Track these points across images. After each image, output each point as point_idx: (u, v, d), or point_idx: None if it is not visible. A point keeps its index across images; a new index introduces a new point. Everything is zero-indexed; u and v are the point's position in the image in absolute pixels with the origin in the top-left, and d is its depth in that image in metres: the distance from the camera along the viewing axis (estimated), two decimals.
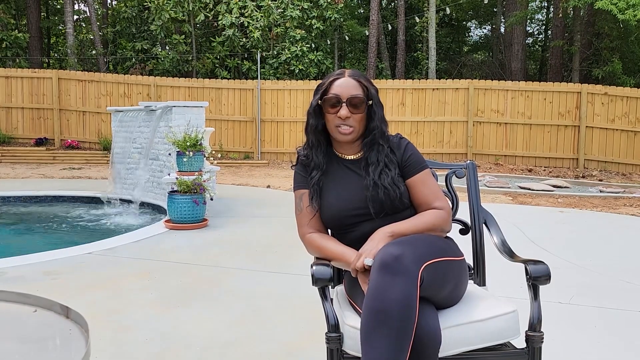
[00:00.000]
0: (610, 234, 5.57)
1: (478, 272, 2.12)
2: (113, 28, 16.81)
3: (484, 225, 2.14)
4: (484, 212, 2.16)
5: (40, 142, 12.68)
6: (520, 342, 1.74)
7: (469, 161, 2.25)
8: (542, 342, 1.70)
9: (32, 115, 12.96)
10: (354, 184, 1.86)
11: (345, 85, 1.83)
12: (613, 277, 3.93)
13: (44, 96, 12.88)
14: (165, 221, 5.57)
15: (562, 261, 4.31)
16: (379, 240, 1.71)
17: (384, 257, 1.56)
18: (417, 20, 16.58)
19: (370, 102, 1.86)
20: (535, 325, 1.70)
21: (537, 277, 1.71)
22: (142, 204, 6.74)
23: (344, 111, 1.81)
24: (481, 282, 2.11)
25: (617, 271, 4.08)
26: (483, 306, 1.75)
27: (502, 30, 20.04)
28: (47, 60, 18.36)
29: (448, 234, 1.90)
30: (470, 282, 2.08)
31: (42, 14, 18.75)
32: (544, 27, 22.35)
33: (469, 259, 2.11)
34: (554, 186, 8.86)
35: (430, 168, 1.97)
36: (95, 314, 3.06)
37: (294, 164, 1.99)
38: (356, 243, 1.82)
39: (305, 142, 1.96)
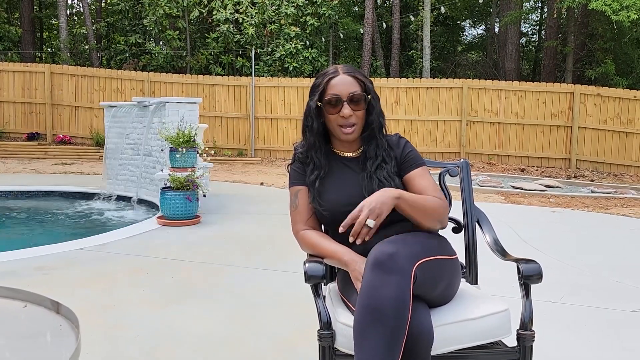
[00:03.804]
0: (601, 234, 5.61)
1: (470, 271, 2.13)
2: (106, 19, 16.71)
3: (476, 224, 2.15)
4: (477, 211, 2.16)
5: (32, 136, 12.60)
6: (511, 341, 1.74)
7: (462, 160, 2.25)
8: (534, 340, 1.70)
9: (24, 110, 12.87)
10: (351, 181, 1.86)
11: (342, 83, 1.81)
12: (604, 277, 3.96)
13: (36, 91, 12.79)
14: (158, 217, 5.55)
15: (554, 260, 4.34)
16: (385, 197, 1.65)
17: (378, 255, 1.56)
18: (412, 18, 16.60)
19: (369, 96, 1.84)
20: (526, 324, 1.71)
21: (528, 276, 1.72)
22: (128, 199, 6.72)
23: (346, 110, 1.79)
24: (473, 280, 2.12)
25: (608, 271, 4.10)
26: (475, 305, 1.75)
27: (497, 30, 20.10)
28: (39, 55, 18.22)
29: (441, 233, 1.90)
30: (463, 280, 2.09)
31: (35, 7, 18.59)
32: (537, 27, 22.44)
33: (462, 258, 2.12)
34: (546, 186, 8.91)
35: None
36: (87, 310, 3.04)
37: (291, 162, 1.97)
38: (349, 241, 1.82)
39: (302, 141, 1.93)
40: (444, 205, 1.82)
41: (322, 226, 1.96)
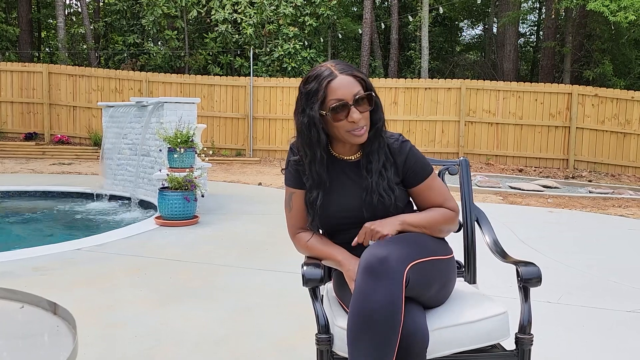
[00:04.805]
0: (599, 234, 5.62)
1: (469, 270, 2.12)
2: (104, 19, 16.69)
3: (475, 223, 2.14)
4: (476, 210, 2.16)
5: (29, 136, 12.57)
6: (510, 344, 1.74)
7: (462, 158, 2.25)
8: (532, 344, 1.69)
9: (22, 110, 12.85)
10: (350, 189, 1.77)
11: (344, 85, 1.66)
12: (602, 277, 3.96)
13: (34, 90, 12.77)
14: (156, 217, 5.54)
15: (552, 261, 4.34)
16: (388, 224, 1.68)
17: (369, 258, 1.53)
18: (411, 19, 16.61)
19: (373, 93, 1.71)
20: (525, 327, 1.69)
21: (528, 279, 1.70)
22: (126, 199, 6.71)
23: (356, 114, 1.65)
24: (472, 279, 2.11)
25: (606, 271, 4.11)
26: (473, 307, 1.74)
27: (495, 30, 20.12)
28: (37, 54, 18.19)
29: None
30: (461, 280, 2.08)
31: (33, 7, 18.56)
32: (536, 28, 22.47)
33: (460, 257, 2.11)
34: (544, 186, 8.92)
35: None
36: (85, 310, 3.03)
37: (285, 167, 1.87)
38: (346, 245, 1.79)
39: (297, 142, 1.78)
40: (452, 217, 1.78)
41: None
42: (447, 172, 2.21)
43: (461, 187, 2.19)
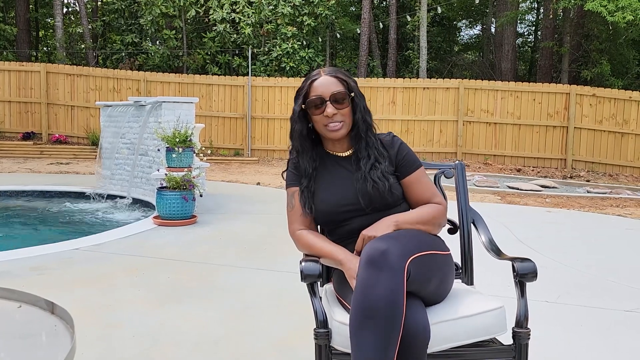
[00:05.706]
0: (597, 234, 5.63)
1: (466, 271, 2.13)
2: (102, 18, 16.67)
3: (472, 225, 2.15)
4: (472, 212, 2.17)
5: (27, 136, 12.55)
6: (507, 339, 1.75)
7: (457, 161, 2.26)
8: (529, 338, 1.71)
9: (20, 109, 12.83)
10: (346, 180, 1.87)
11: (325, 84, 1.84)
12: (600, 277, 3.97)
13: (32, 90, 12.75)
14: (154, 217, 5.53)
15: (550, 260, 4.35)
16: (382, 226, 1.74)
17: (371, 252, 1.57)
18: (409, 19, 16.62)
19: (352, 94, 1.86)
20: (522, 321, 1.71)
21: (523, 274, 1.73)
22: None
23: (329, 109, 1.82)
24: (469, 281, 2.12)
25: (604, 271, 4.12)
26: (470, 302, 1.76)
27: (493, 30, 20.13)
28: (35, 54, 18.15)
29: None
30: (458, 281, 2.09)
31: (31, 6, 18.52)
32: (534, 28, 22.50)
33: (457, 259, 2.12)
34: (542, 186, 8.93)
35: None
36: (83, 310, 3.03)
37: (285, 169, 2.00)
38: (346, 238, 1.84)
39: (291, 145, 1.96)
40: (441, 211, 1.87)
41: (318, 226, 1.97)
42: (442, 175, 2.23)
43: (457, 190, 2.21)
